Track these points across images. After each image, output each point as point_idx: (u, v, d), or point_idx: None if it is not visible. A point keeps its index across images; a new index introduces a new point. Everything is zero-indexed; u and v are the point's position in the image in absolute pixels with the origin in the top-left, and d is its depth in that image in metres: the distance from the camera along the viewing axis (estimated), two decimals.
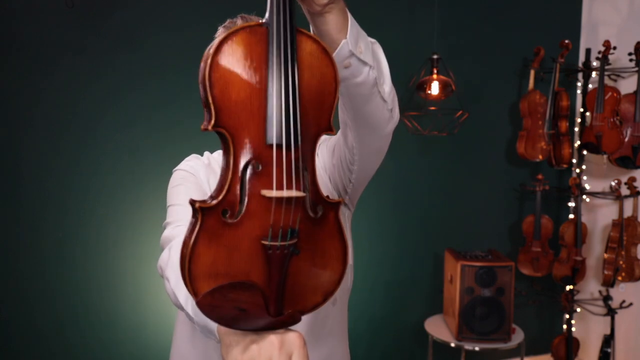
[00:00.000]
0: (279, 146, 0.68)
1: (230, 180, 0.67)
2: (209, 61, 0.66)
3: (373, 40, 0.94)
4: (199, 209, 0.66)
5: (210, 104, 0.66)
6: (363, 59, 0.87)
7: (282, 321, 0.70)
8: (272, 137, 0.68)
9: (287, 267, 0.70)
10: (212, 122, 0.66)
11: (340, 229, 0.75)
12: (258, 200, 0.68)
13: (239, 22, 1.26)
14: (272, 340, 0.68)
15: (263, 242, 0.68)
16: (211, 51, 0.66)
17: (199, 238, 0.66)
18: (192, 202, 0.67)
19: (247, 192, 0.68)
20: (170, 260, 0.93)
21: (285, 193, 0.68)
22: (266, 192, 0.68)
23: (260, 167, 0.68)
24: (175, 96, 2.48)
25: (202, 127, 0.69)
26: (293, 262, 0.71)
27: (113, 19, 2.41)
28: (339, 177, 1.24)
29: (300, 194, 0.68)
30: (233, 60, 0.67)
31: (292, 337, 0.69)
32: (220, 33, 1.27)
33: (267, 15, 0.69)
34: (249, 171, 0.68)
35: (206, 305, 0.66)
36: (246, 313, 0.68)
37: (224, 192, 0.67)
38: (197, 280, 0.66)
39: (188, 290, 0.67)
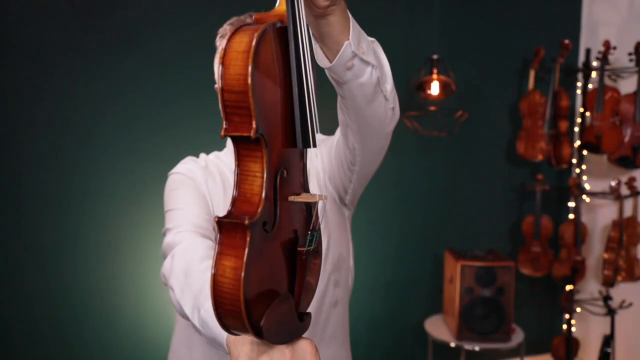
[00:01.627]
0: (305, 150, 0.67)
1: (265, 189, 0.63)
2: (250, 61, 0.60)
3: (372, 39, 0.93)
4: (249, 226, 0.60)
5: (250, 109, 0.61)
6: (366, 59, 0.87)
7: (306, 325, 0.69)
8: (309, 141, 0.66)
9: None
10: (254, 127, 0.61)
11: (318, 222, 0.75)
12: (287, 207, 0.66)
13: (249, 21, 1.23)
14: (282, 350, 0.66)
15: (299, 248, 0.66)
16: (252, 50, 0.61)
17: (250, 259, 0.60)
18: (238, 220, 0.61)
19: (278, 201, 0.65)
20: (173, 269, 0.90)
21: (323, 196, 0.68)
22: (302, 198, 0.66)
23: (286, 173, 0.66)
24: (176, 96, 2.48)
25: (229, 132, 0.63)
26: None
27: (113, 19, 2.40)
28: (339, 178, 1.23)
29: (326, 195, 0.69)
30: (267, 60, 0.63)
31: (304, 345, 0.67)
32: (227, 30, 1.23)
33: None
34: (278, 178, 0.65)
35: (270, 328, 0.62)
36: (285, 325, 0.66)
37: (261, 204, 0.62)
38: (253, 305, 0.60)
39: (245, 324, 0.60)
